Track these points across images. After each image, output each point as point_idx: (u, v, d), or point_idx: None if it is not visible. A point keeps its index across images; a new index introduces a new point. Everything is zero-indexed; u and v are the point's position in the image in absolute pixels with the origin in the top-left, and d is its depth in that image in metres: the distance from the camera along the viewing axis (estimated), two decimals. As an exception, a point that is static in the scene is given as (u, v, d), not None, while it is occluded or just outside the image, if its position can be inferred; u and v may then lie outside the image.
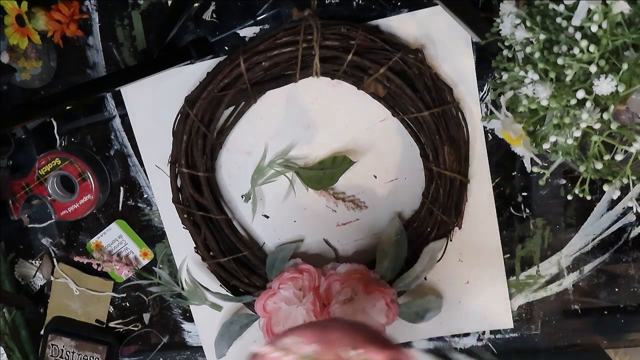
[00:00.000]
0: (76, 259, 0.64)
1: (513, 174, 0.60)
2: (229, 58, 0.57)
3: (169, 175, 0.60)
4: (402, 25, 0.57)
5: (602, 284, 0.61)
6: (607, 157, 0.41)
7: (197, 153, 0.59)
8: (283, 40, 0.55)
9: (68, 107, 0.53)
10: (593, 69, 0.37)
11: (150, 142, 0.62)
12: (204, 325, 0.66)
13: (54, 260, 0.67)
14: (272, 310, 0.58)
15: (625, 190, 0.57)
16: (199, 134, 0.58)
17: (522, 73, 0.41)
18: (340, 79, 0.58)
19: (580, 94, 0.38)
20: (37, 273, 0.67)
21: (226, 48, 0.59)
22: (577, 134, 0.40)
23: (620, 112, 0.40)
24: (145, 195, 0.64)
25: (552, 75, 0.40)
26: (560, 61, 0.38)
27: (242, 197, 0.62)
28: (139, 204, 0.64)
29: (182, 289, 0.63)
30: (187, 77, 0.60)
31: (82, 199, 0.62)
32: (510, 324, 0.62)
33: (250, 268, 0.61)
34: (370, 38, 0.55)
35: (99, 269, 0.65)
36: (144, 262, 0.65)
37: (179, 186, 0.60)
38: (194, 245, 0.61)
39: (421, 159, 0.58)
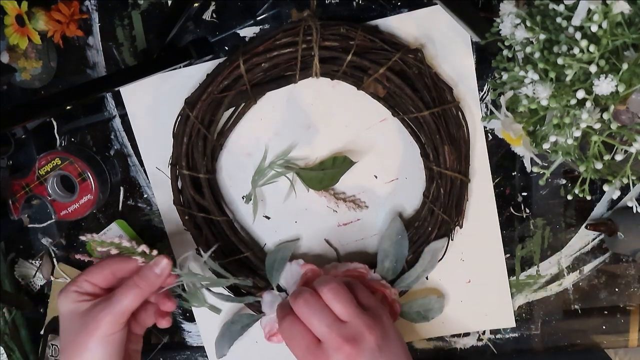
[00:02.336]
0: (77, 256, 0.64)
1: (513, 174, 0.60)
2: (229, 59, 0.57)
3: (169, 177, 0.60)
4: (402, 25, 0.57)
5: (602, 284, 0.61)
6: (607, 157, 0.41)
7: (198, 155, 0.59)
8: (282, 41, 0.55)
9: (68, 107, 0.53)
10: (593, 69, 0.37)
11: (150, 143, 0.62)
12: (206, 325, 0.66)
13: (54, 260, 0.67)
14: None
15: (625, 190, 0.57)
16: (200, 136, 0.58)
17: (522, 73, 0.41)
18: (340, 80, 0.58)
19: (580, 94, 0.38)
20: (37, 273, 0.67)
21: (226, 48, 0.59)
22: (577, 134, 0.40)
23: (620, 112, 0.40)
24: (145, 195, 0.64)
25: (552, 75, 0.40)
26: (560, 61, 0.38)
27: (243, 199, 0.62)
28: (139, 204, 0.64)
29: (183, 290, 0.63)
30: (187, 78, 0.60)
31: (82, 199, 0.62)
32: (512, 323, 0.63)
33: (251, 269, 0.61)
34: (369, 38, 0.55)
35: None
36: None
37: (179, 188, 0.60)
38: (195, 247, 0.61)
39: (422, 158, 0.58)
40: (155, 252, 0.53)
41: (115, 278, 0.54)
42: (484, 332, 0.64)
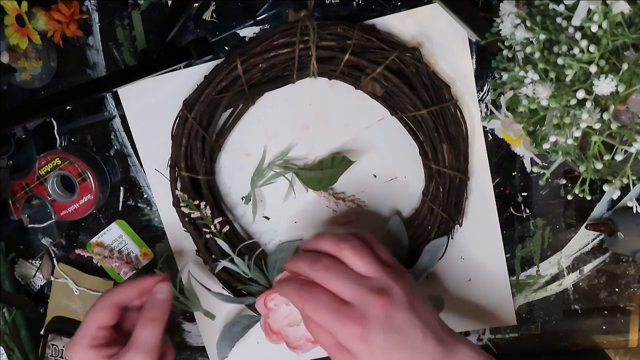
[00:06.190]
0: (77, 251, 0.64)
1: (513, 174, 0.60)
2: (226, 61, 0.57)
3: (168, 178, 0.60)
4: (399, 23, 0.57)
5: (602, 284, 0.61)
6: (607, 157, 0.41)
7: (197, 156, 0.59)
8: (280, 41, 0.55)
9: (68, 107, 0.53)
10: (593, 69, 0.37)
11: (148, 145, 0.62)
12: (206, 325, 0.66)
13: (54, 260, 0.67)
14: (272, 307, 0.58)
15: (625, 190, 0.57)
16: (198, 137, 0.58)
17: (522, 73, 0.41)
18: (338, 79, 0.57)
19: (580, 94, 0.38)
20: (37, 273, 0.67)
21: (226, 48, 0.59)
22: (577, 134, 0.40)
23: (620, 112, 0.40)
24: (145, 196, 0.64)
25: (552, 75, 0.39)
26: (560, 61, 0.38)
27: (242, 199, 0.62)
28: (139, 204, 0.64)
29: (182, 293, 0.63)
30: (184, 80, 0.59)
31: (82, 199, 0.62)
32: (513, 321, 0.62)
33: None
34: (366, 37, 0.55)
35: (97, 264, 0.64)
36: (144, 262, 0.65)
37: (179, 189, 0.60)
38: (196, 249, 0.61)
39: (420, 157, 0.58)
40: None
41: (120, 310, 0.53)
42: (484, 332, 0.63)
